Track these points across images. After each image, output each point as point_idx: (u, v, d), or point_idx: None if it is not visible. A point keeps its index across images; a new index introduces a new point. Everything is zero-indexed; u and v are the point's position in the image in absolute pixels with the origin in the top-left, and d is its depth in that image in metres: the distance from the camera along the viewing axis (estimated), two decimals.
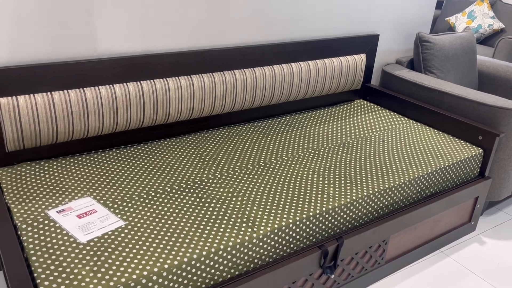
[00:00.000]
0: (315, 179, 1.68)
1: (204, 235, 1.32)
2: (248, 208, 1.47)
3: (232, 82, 1.96)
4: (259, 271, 1.37)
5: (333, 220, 1.55)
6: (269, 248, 1.41)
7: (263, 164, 1.76)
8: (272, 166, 1.75)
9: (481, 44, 4.16)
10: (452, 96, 2.21)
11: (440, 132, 2.18)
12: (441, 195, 1.88)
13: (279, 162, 1.79)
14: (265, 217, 1.43)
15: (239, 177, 1.65)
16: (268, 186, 1.61)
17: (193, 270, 1.25)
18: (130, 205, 1.43)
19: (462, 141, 2.10)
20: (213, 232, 1.34)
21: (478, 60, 2.77)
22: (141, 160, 1.72)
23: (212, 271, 1.30)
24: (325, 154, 1.88)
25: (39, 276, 1.11)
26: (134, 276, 1.15)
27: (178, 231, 1.33)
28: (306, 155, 1.86)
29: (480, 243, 2.10)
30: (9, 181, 1.50)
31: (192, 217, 1.40)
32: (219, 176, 1.65)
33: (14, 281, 0.99)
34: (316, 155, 1.87)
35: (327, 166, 1.78)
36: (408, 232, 1.82)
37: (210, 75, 1.91)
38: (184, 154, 1.79)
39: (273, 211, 1.47)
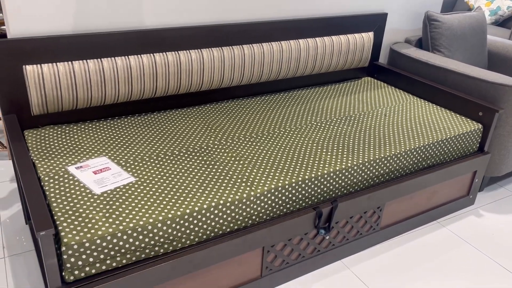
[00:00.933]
0: (314, 148, 1.79)
1: (206, 192, 1.45)
2: (248, 171, 1.59)
3: (241, 56, 2.07)
4: (256, 227, 1.50)
5: (328, 185, 1.66)
6: (266, 206, 1.53)
7: (266, 134, 1.88)
8: (274, 136, 1.86)
9: (500, 26, 4.12)
10: (455, 74, 2.27)
11: (442, 108, 2.25)
12: (437, 167, 1.96)
13: (281, 132, 1.90)
14: (263, 178, 1.55)
15: (243, 144, 1.77)
16: (269, 153, 1.72)
17: (195, 221, 1.38)
18: (140, 164, 1.58)
19: (462, 117, 2.16)
20: (214, 189, 1.47)
21: (489, 40, 2.79)
22: (153, 127, 1.86)
23: (213, 223, 1.43)
24: (327, 126, 1.98)
25: (59, 219, 1.26)
26: (141, 223, 1.29)
27: (182, 187, 1.47)
28: (308, 127, 1.96)
29: (478, 216, 2.17)
30: (34, 141, 1.66)
31: (196, 177, 1.53)
32: (224, 143, 1.78)
33: (38, 222, 1.14)
34: (318, 127, 1.97)
35: (327, 137, 1.88)
36: (404, 201, 1.92)
37: (219, 49, 2.02)
38: (193, 123, 1.92)
39: (271, 173, 1.58)
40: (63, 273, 1.22)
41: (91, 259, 1.23)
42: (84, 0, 1.72)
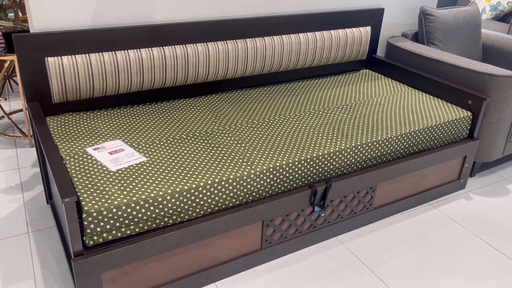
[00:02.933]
0: (310, 133, 1.93)
1: (211, 170, 1.61)
2: (249, 153, 1.74)
3: (244, 49, 2.22)
4: (256, 202, 1.65)
5: (323, 166, 1.81)
6: (265, 184, 1.68)
7: (267, 120, 2.02)
8: (275, 122, 2.01)
9: (500, 21, 4.22)
10: (447, 65, 2.39)
11: (435, 98, 2.38)
12: (427, 151, 2.09)
13: (281, 119, 2.04)
14: (263, 158, 1.70)
15: (245, 130, 1.92)
16: (269, 137, 1.87)
17: (200, 196, 1.54)
18: (151, 147, 1.74)
19: (453, 105, 2.29)
20: (218, 168, 1.62)
21: (483, 34, 2.90)
22: (162, 114, 2.02)
23: (216, 198, 1.58)
24: (324, 114, 2.13)
25: (80, 191, 1.43)
26: (152, 195, 1.45)
27: (189, 166, 1.62)
28: (307, 114, 2.11)
29: (468, 199, 2.30)
30: (55, 126, 1.83)
31: (202, 157, 1.69)
32: (227, 128, 1.93)
33: (63, 191, 1.30)
34: (316, 114, 2.12)
35: (324, 123, 2.03)
36: (396, 183, 2.05)
37: (224, 43, 2.17)
38: (199, 111, 2.08)
39: (270, 154, 1.73)
40: (84, 238, 1.38)
41: (108, 226, 1.40)
42: None
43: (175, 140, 1.80)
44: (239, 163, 1.66)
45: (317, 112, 2.14)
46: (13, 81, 2.91)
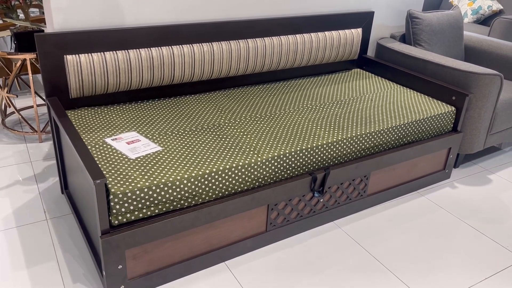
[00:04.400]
0: (309, 125, 2.10)
1: (221, 158, 1.76)
2: (255, 143, 1.90)
3: (245, 49, 2.38)
4: (262, 187, 1.81)
5: (321, 155, 1.97)
6: (270, 171, 1.84)
7: (269, 114, 2.19)
8: (276, 116, 2.17)
9: (481, 24, 4.46)
10: (433, 64, 2.59)
11: (421, 94, 2.57)
12: (415, 143, 2.28)
13: (282, 113, 2.21)
14: (268, 147, 1.86)
15: (250, 122, 2.08)
16: (272, 129, 2.04)
17: (212, 181, 1.69)
18: (165, 137, 1.88)
19: (438, 101, 2.48)
20: (227, 156, 1.78)
21: (465, 36, 3.11)
22: (172, 108, 2.17)
23: (226, 183, 1.74)
24: (321, 108, 2.30)
25: (106, 174, 1.57)
26: (171, 179, 1.60)
27: (201, 155, 1.77)
28: (305, 109, 2.28)
29: (452, 187, 2.50)
30: (74, 120, 1.96)
31: (212, 147, 1.84)
32: (233, 121, 2.09)
33: (93, 174, 1.44)
34: (313, 109, 2.29)
35: (321, 117, 2.20)
36: (388, 171, 2.23)
37: (227, 43, 2.33)
38: (206, 106, 2.23)
39: (274, 144, 1.90)
40: (110, 218, 1.53)
41: (131, 207, 1.54)
42: (112, 1, 2.03)
43: (186, 132, 1.95)
44: (246, 152, 1.82)
45: (314, 107, 2.31)
46: (21, 79, 3.02)
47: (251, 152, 1.82)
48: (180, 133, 1.93)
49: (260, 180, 1.83)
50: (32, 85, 2.57)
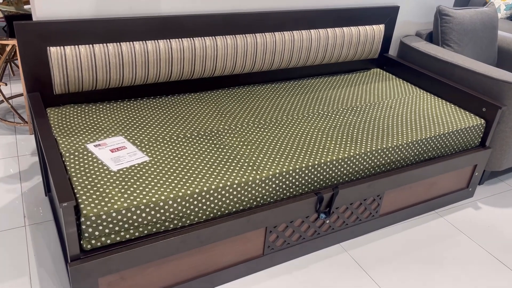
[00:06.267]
0: (319, 136, 1.87)
1: (215, 173, 1.55)
2: (255, 155, 1.68)
3: (253, 44, 2.14)
4: (260, 208, 1.60)
5: (330, 172, 1.75)
6: (270, 189, 1.63)
7: (274, 121, 1.96)
8: (282, 123, 1.95)
9: None
10: (462, 69, 2.32)
11: (447, 102, 2.31)
12: (437, 159, 2.03)
13: (289, 120, 1.98)
14: (269, 163, 1.64)
15: (251, 130, 1.86)
16: (276, 139, 1.81)
17: (203, 201, 1.49)
18: (154, 145, 1.68)
19: (466, 112, 2.22)
20: (222, 171, 1.57)
21: (499, 36, 2.81)
22: (166, 109, 1.95)
23: (219, 203, 1.53)
24: (333, 115, 2.06)
25: (79, 192, 1.37)
26: (154, 199, 1.40)
27: (193, 168, 1.57)
28: (315, 116, 2.04)
29: (476, 208, 2.25)
30: (56, 119, 1.77)
31: (206, 159, 1.63)
32: (233, 127, 1.87)
33: (61, 194, 1.25)
34: (325, 116, 2.05)
35: (332, 126, 1.96)
36: (404, 190, 2.00)
37: (233, 37, 2.09)
38: (205, 107, 2.01)
39: (277, 158, 1.68)
40: (81, 242, 1.34)
41: (107, 230, 1.35)
42: None
43: (179, 139, 1.74)
44: (244, 167, 1.61)
45: (325, 113, 2.07)
46: (15, 64, 2.84)
47: (250, 168, 1.61)
48: (172, 140, 1.72)
49: (258, 199, 1.62)
50: (22, 73, 2.38)
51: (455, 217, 2.17)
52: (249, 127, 1.88)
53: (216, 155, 1.66)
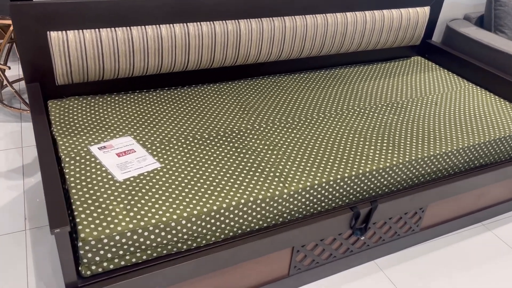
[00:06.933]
0: (355, 139, 1.63)
1: (236, 185, 1.33)
2: (282, 163, 1.45)
3: (281, 29, 1.88)
4: (287, 226, 1.38)
5: (369, 183, 1.51)
6: (299, 204, 1.40)
7: (303, 119, 1.72)
8: (312, 122, 1.71)
9: None
10: None
11: (502, 100, 2.02)
12: (490, 167, 1.77)
13: (320, 118, 1.74)
14: (298, 173, 1.42)
15: (277, 130, 1.63)
16: (306, 142, 1.58)
17: (222, 218, 1.28)
18: (167, 148, 1.46)
19: None
20: (244, 183, 1.35)
21: None
22: (183, 103, 1.73)
23: (240, 221, 1.32)
24: (370, 113, 1.81)
25: (77, 209, 1.17)
26: (164, 219, 1.19)
27: (210, 178, 1.35)
28: (350, 113, 1.79)
29: None
30: (57, 113, 1.56)
31: (226, 166, 1.41)
32: (257, 127, 1.64)
33: (53, 218, 1.05)
34: (361, 113, 1.80)
35: (370, 126, 1.71)
36: (449, 201, 1.75)
37: (258, 21, 1.84)
38: (225, 101, 1.78)
39: (307, 168, 1.44)
40: (80, 268, 1.14)
41: (109, 255, 1.15)
42: None
43: (195, 141, 1.52)
44: (269, 178, 1.38)
45: (361, 110, 1.82)
46: None
47: (276, 179, 1.38)
48: (187, 142, 1.50)
49: (285, 215, 1.40)
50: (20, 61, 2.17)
51: (505, 230, 1.91)
52: (275, 126, 1.65)
53: (237, 162, 1.43)
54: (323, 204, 1.46)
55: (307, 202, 1.42)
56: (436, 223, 1.79)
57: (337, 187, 1.45)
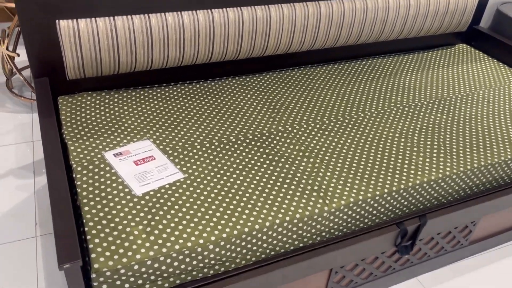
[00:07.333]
0: (401, 143, 1.44)
1: (269, 201, 1.17)
2: (320, 173, 1.28)
3: (316, 15, 1.68)
4: (326, 247, 1.22)
5: (418, 196, 1.33)
6: (340, 222, 1.23)
7: (341, 119, 1.53)
8: (351, 123, 1.52)
9: None
10: None
11: None
12: None
13: (360, 118, 1.55)
14: (340, 186, 1.24)
15: (313, 133, 1.45)
16: (346, 147, 1.39)
17: (253, 240, 1.12)
18: (191, 154, 1.30)
19: None
20: (278, 199, 1.18)
21: None
22: (206, 99, 1.55)
23: (274, 242, 1.16)
24: (416, 112, 1.61)
25: (90, 231, 1.02)
26: (189, 244, 1.03)
27: (240, 192, 1.18)
28: (393, 112, 1.60)
29: None
30: (68, 112, 1.41)
31: (257, 177, 1.24)
32: (290, 128, 1.46)
33: (62, 251, 0.90)
34: (405, 112, 1.60)
35: (417, 128, 1.52)
36: (501, 212, 1.57)
37: (291, 6, 1.63)
38: (253, 97, 1.60)
39: (350, 180, 1.27)
40: None
41: (127, 285, 1.01)
42: None
43: (222, 145, 1.35)
44: (307, 192, 1.21)
45: (406, 108, 1.62)
46: None
47: (315, 193, 1.21)
48: (213, 147, 1.34)
49: (323, 233, 1.24)
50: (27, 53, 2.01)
51: None
52: (310, 128, 1.47)
53: (269, 172, 1.26)
54: (366, 220, 1.29)
55: (349, 219, 1.25)
56: (486, 236, 1.61)
57: (383, 202, 1.27)
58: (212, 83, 1.66)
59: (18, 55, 2.04)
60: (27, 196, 1.71)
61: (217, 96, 1.58)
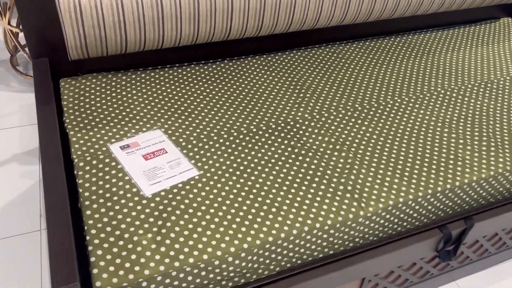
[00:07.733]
0: (445, 134, 1.26)
1: (295, 205, 1.02)
2: (354, 170, 1.12)
3: None
4: (359, 254, 1.07)
5: (464, 197, 1.17)
6: (376, 226, 1.08)
7: (375, 105, 1.36)
8: (387, 109, 1.34)
9: None
10: None
11: None
12: None
13: (396, 104, 1.37)
14: (376, 186, 1.08)
15: (343, 121, 1.28)
16: (382, 138, 1.23)
17: (278, 250, 0.98)
18: (207, 147, 1.15)
19: None
20: (307, 201, 1.03)
21: None
22: (224, 82, 1.39)
23: (302, 250, 1.02)
24: (460, 96, 1.42)
25: (92, 241, 0.89)
26: (205, 256, 0.90)
27: (262, 193, 1.04)
28: (434, 96, 1.42)
29: None
30: (71, 97, 1.26)
31: (281, 175, 1.09)
32: (317, 116, 1.29)
33: (56, 274, 0.78)
34: (448, 97, 1.42)
35: (462, 116, 1.34)
36: None
37: None
38: (276, 79, 1.43)
39: (387, 178, 1.11)
40: None
41: None
42: None
43: (241, 136, 1.20)
44: (339, 193, 1.06)
45: (448, 92, 1.44)
46: None
47: (348, 195, 1.06)
48: (232, 138, 1.18)
49: (357, 239, 1.09)
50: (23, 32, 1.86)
51: None
52: (340, 115, 1.30)
53: (295, 169, 1.11)
54: (405, 223, 1.14)
55: (386, 223, 1.10)
56: None
57: (426, 204, 1.11)
58: (230, 63, 1.49)
59: (21, 30, 1.89)
60: (31, 184, 1.60)
61: (235, 78, 1.42)
